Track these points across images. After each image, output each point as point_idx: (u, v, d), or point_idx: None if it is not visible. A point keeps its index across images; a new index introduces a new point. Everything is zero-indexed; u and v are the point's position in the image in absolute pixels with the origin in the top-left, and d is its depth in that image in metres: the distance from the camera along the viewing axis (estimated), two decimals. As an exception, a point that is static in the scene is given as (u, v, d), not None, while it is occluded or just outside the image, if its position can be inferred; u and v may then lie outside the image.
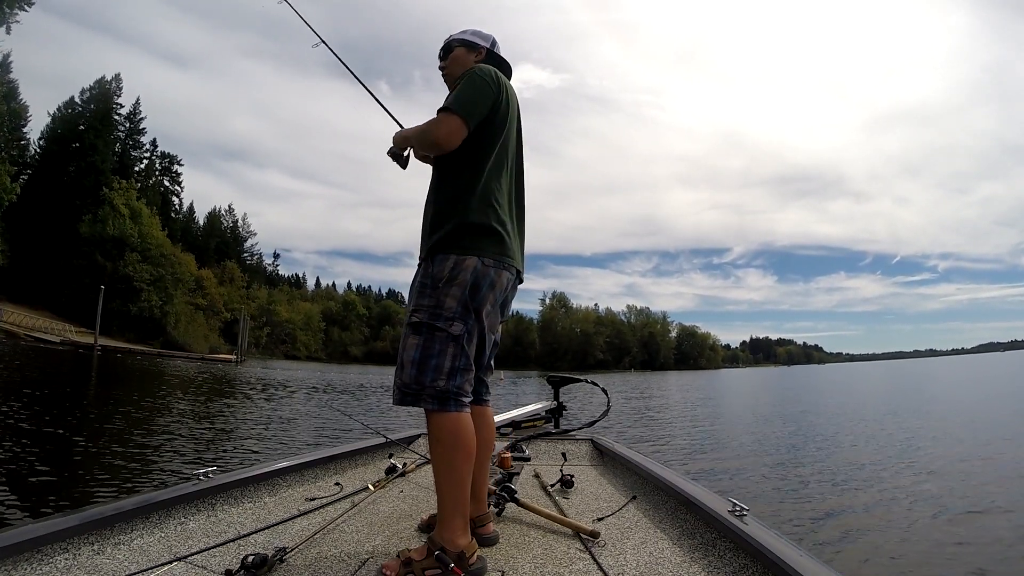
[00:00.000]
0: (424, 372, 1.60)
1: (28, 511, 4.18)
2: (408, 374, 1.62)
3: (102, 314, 39.21)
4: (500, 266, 1.69)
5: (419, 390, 1.60)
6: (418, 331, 1.64)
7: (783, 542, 1.49)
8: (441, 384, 1.60)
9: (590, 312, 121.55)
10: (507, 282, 1.75)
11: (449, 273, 1.63)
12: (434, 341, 1.62)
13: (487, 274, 1.66)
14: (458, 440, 1.59)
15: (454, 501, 1.57)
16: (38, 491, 4.75)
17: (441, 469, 1.59)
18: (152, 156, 65.46)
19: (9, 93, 46.21)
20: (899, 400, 20.07)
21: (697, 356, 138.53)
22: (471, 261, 1.64)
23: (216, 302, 62.23)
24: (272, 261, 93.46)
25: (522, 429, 4.24)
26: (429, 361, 1.61)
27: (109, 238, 48.46)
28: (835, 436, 10.52)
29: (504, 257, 1.71)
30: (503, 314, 1.87)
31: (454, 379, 1.61)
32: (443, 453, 1.59)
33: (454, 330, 1.62)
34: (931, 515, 5.05)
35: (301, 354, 77.49)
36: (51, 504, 4.43)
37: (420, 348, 1.62)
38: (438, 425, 1.60)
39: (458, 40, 1.94)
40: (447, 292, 1.63)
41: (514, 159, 1.85)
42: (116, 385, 16.14)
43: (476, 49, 1.92)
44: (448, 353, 1.61)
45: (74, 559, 1.52)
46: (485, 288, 1.66)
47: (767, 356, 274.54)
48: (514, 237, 1.79)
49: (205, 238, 73.09)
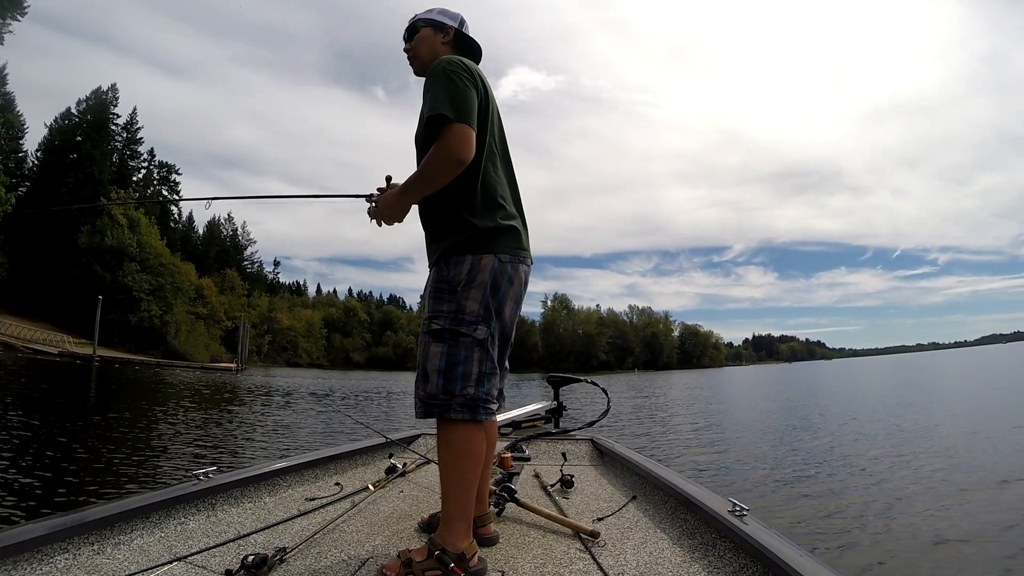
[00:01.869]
0: (452, 381, 1.53)
1: (28, 511, 4.20)
2: (435, 384, 1.54)
3: (102, 325, 39.07)
4: (517, 260, 1.64)
5: (447, 400, 1.53)
6: (440, 338, 1.56)
7: (783, 542, 1.48)
8: (471, 392, 1.54)
9: (592, 313, 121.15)
10: (524, 276, 1.69)
11: (467, 275, 1.57)
12: (459, 347, 1.55)
13: (505, 271, 1.60)
14: (470, 447, 1.55)
15: (459, 505, 1.53)
16: (38, 491, 4.78)
17: (449, 474, 1.54)
18: (150, 166, 65.56)
19: (5, 105, 46.32)
20: (903, 395, 19.97)
21: (700, 355, 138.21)
22: (488, 260, 1.57)
23: (217, 311, 62.03)
24: (272, 269, 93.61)
25: (522, 429, 4.20)
26: (456, 369, 1.54)
27: (108, 248, 48.37)
28: (837, 434, 10.44)
29: (519, 251, 1.65)
30: (520, 309, 1.78)
31: (483, 385, 1.56)
32: (454, 459, 1.55)
33: (479, 334, 1.56)
34: (933, 515, 5.00)
35: (303, 361, 77.41)
36: (51, 504, 4.45)
37: (445, 356, 1.54)
38: (453, 432, 1.55)
39: (424, 20, 1.80)
40: (467, 295, 1.57)
41: (503, 147, 1.76)
42: (113, 395, 16.12)
43: (443, 29, 1.79)
44: (475, 358, 1.55)
45: (74, 559, 1.52)
46: (504, 286, 1.61)
47: (770, 353, 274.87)
48: (524, 228, 1.73)
49: (205, 247, 73.11)
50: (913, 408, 14.63)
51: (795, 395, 22.66)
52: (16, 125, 46.89)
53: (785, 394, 23.74)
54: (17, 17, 33.99)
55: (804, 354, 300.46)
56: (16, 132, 48.43)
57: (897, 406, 15.42)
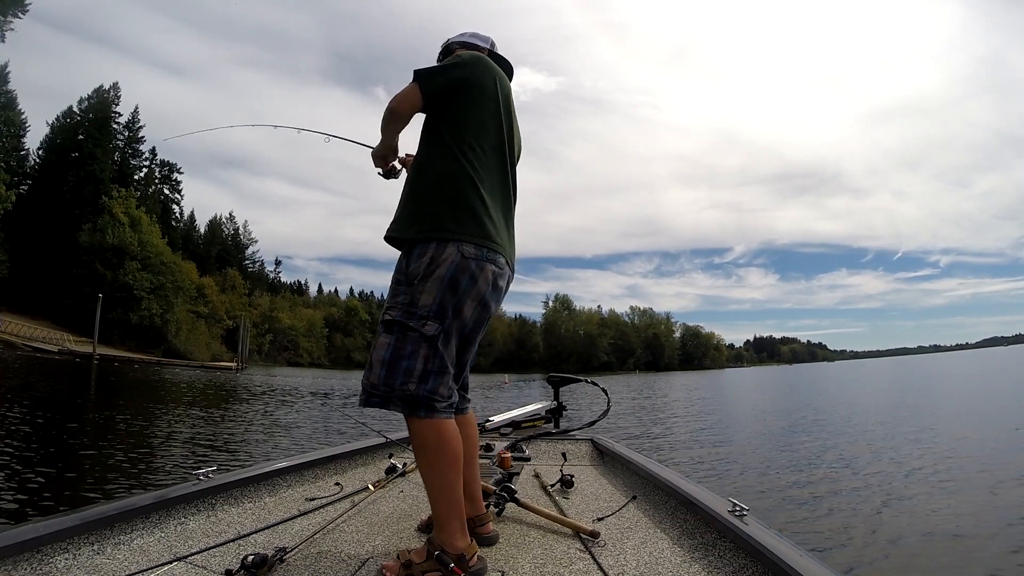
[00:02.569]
0: (393, 374, 1.51)
1: (28, 511, 4.20)
2: (376, 375, 1.53)
3: (103, 323, 39.07)
4: (482, 258, 1.58)
5: (387, 392, 1.52)
6: (390, 330, 1.55)
7: (783, 542, 1.47)
8: (411, 388, 1.51)
9: (593, 314, 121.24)
10: (492, 275, 1.61)
11: (425, 268, 1.54)
12: (406, 341, 1.53)
13: (467, 267, 1.55)
14: (442, 446, 1.52)
15: (447, 505, 1.52)
16: (38, 491, 4.76)
17: (429, 476, 1.53)
18: (152, 164, 65.61)
19: (7, 103, 46.39)
20: (903, 397, 19.90)
21: (702, 356, 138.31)
22: (449, 253, 1.53)
23: (218, 310, 62.11)
24: (274, 268, 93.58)
25: (522, 429, 4.18)
26: (399, 363, 1.52)
27: (109, 247, 48.45)
28: (837, 435, 10.42)
29: (486, 246, 1.59)
30: (490, 310, 1.68)
31: (425, 383, 1.52)
32: (428, 460, 1.53)
33: (428, 330, 1.53)
34: (933, 515, 4.99)
35: (304, 361, 77.44)
36: (51, 504, 4.45)
37: (391, 348, 1.53)
38: (420, 432, 1.53)
39: (457, 43, 1.90)
40: (422, 288, 1.54)
41: (503, 148, 1.74)
42: (111, 393, 16.08)
43: (476, 50, 1.87)
44: (420, 355, 1.52)
45: (74, 559, 1.52)
46: (465, 283, 1.55)
47: (771, 355, 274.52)
48: (500, 225, 1.68)
49: (206, 246, 73.13)
50: (913, 410, 14.58)
51: (796, 397, 22.60)
52: (17, 123, 46.90)
53: (786, 396, 23.69)
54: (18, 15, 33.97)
55: (805, 356, 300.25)
56: (18, 130, 48.47)
57: (897, 408, 15.37)
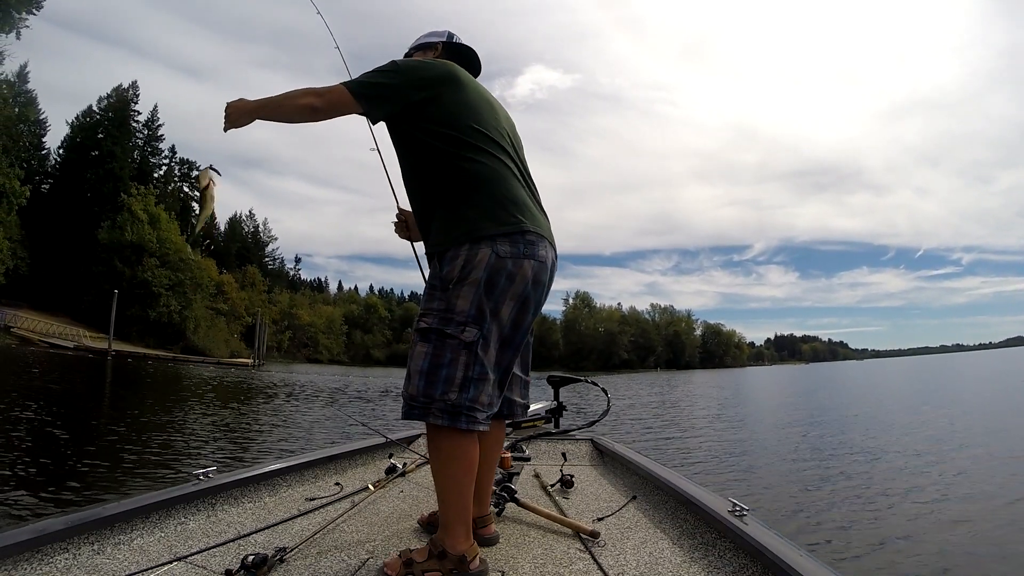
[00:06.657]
0: (433, 384, 1.45)
1: (28, 511, 4.21)
2: (415, 386, 1.47)
3: (122, 320, 39.03)
4: (519, 255, 1.49)
5: (427, 403, 1.46)
6: (426, 338, 1.49)
7: (783, 542, 1.47)
8: (452, 397, 1.44)
9: (614, 311, 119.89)
10: (531, 271, 1.51)
11: (460, 272, 1.47)
12: (444, 349, 1.46)
13: (503, 267, 1.47)
14: (458, 452, 1.48)
15: (456, 509, 1.49)
16: (38, 491, 4.76)
17: (441, 479, 1.51)
18: (171, 163, 66.00)
19: (28, 102, 46.71)
20: (922, 397, 19.71)
21: (723, 354, 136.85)
22: (484, 254, 1.46)
23: (237, 307, 62.33)
24: (294, 265, 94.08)
25: (522, 429, 4.20)
26: (439, 371, 1.46)
27: (127, 244, 48.83)
28: (841, 435, 10.24)
29: (520, 240, 1.50)
30: (531, 309, 1.57)
31: (467, 391, 1.45)
32: (442, 464, 1.50)
33: (467, 336, 1.46)
34: (934, 516, 4.96)
35: (323, 357, 77.81)
36: (51, 504, 4.45)
37: (429, 357, 1.47)
38: (439, 437, 1.48)
39: (413, 47, 1.90)
40: (458, 293, 1.47)
41: (508, 139, 1.67)
42: (121, 390, 16.08)
43: (432, 47, 1.87)
44: (460, 362, 1.45)
45: (74, 559, 1.51)
46: (503, 284, 1.47)
47: (792, 353, 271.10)
48: (534, 210, 1.60)
49: (226, 243, 73.39)
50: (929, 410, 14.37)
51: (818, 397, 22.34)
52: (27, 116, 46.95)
53: (808, 396, 23.37)
54: (33, 11, 33.80)
55: (826, 354, 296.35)
56: (38, 129, 48.82)
57: (913, 409, 15.16)
